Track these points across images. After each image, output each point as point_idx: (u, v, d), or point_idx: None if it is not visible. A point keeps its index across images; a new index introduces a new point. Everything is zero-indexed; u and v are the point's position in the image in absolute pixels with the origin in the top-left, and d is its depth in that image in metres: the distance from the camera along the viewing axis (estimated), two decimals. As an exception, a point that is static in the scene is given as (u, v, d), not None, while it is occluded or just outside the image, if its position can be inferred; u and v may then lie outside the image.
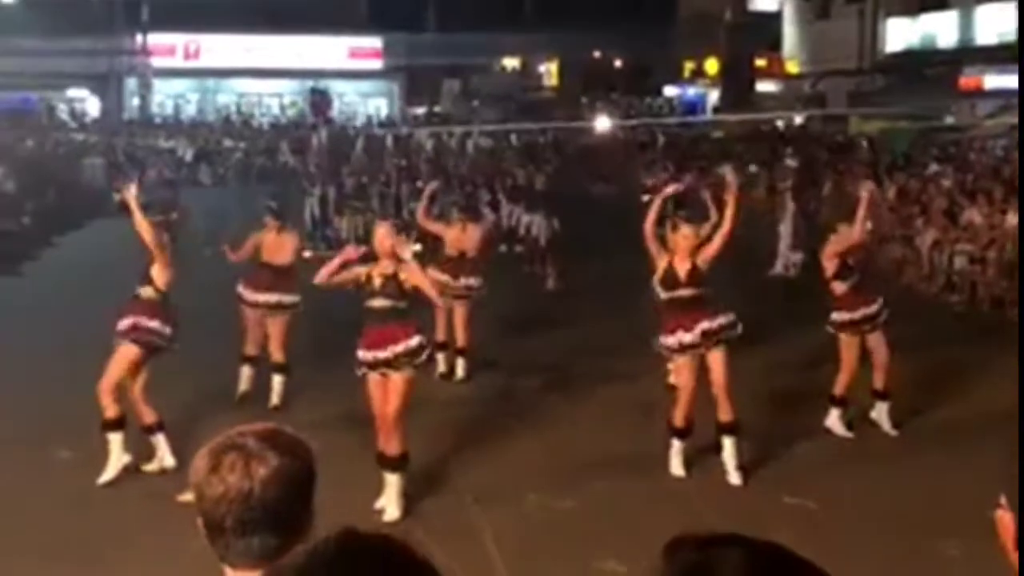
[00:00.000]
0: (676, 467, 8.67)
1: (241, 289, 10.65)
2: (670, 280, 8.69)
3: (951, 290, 15.86)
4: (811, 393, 10.19)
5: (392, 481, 7.93)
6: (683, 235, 8.78)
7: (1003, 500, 1.61)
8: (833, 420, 9.63)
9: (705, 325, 8.53)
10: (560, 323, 13.87)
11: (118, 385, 8.55)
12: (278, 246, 10.67)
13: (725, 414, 8.59)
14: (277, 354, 10.53)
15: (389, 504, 7.85)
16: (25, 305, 15.26)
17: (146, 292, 8.69)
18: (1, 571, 7.03)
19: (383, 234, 8.08)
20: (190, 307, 9.30)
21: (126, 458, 8.57)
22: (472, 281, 11.66)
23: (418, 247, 8.11)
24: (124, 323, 8.58)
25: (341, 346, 8.67)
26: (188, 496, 2.27)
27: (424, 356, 8.16)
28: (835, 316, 9.57)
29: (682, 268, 8.65)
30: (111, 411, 8.50)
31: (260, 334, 10.66)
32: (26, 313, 14.62)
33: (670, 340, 8.64)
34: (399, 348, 7.89)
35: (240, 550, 2.13)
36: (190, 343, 9.14)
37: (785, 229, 18.04)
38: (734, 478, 8.49)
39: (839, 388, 9.59)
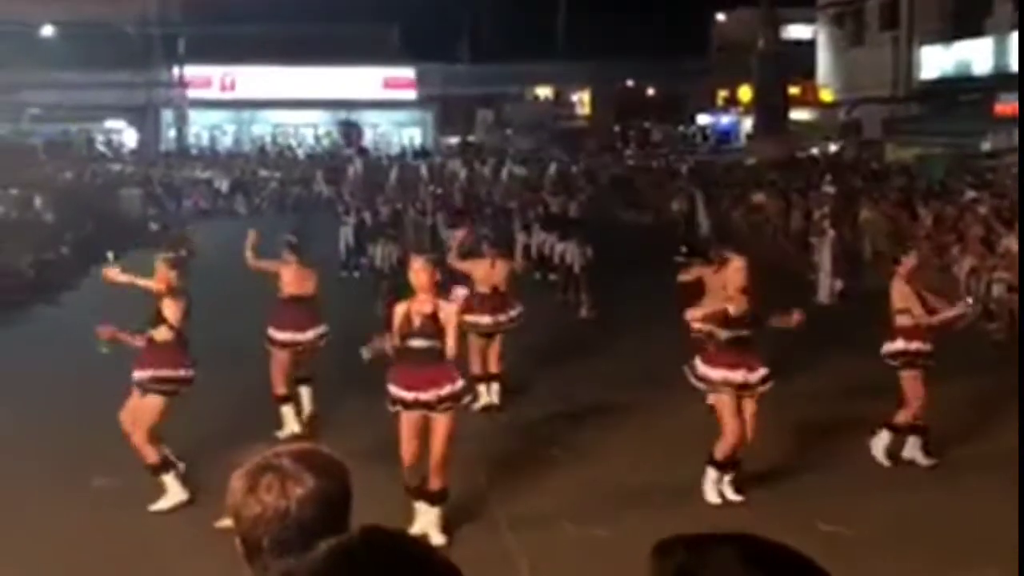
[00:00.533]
0: (711, 495, 8.66)
1: (273, 332, 10.62)
2: (734, 321, 8.60)
3: (988, 318, 15.71)
4: (847, 421, 10.13)
5: (432, 511, 7.95)
6: (735, 267, 8.78)
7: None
8: (879, 446, 9.48)
9: (762, 372, 8.57)
10: (594, 351, 13.86)
11: (152, 432, 8.61)
12: (299, 280, 10.71)
13: None
14: (301, 370, 10.82)
15: (432, 531, 7.83)
16: (64, 334, 15.38)
17: (160, 334, 8.71)
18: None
19: (419, 268, 8.06)
20: (215, 336, 9.34)
21: (184, 495, 8.62)
22: (519, 309, 11.81)
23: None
24: (144, 375, 8.62)
25: (371, 376, 8.67)
26: (226, 522, 2.28)
27: (468, 399, 8.18)
28: (893, 346, 9.42)
29: (740, 309, 8.61)
30: (153, 457, 8.58)
31: (290, 369, 10.69)
32: (65, 342, 14.73)
33: (733, 375, 8.53)
34: (443, 392, 7.83)
35: (278, 571, 2.15)
36: (220, 373, 9.18)
37: (824, 257, 17.94)
38: (730, 494, 8.63)
39: (902, 417, 9.40)
